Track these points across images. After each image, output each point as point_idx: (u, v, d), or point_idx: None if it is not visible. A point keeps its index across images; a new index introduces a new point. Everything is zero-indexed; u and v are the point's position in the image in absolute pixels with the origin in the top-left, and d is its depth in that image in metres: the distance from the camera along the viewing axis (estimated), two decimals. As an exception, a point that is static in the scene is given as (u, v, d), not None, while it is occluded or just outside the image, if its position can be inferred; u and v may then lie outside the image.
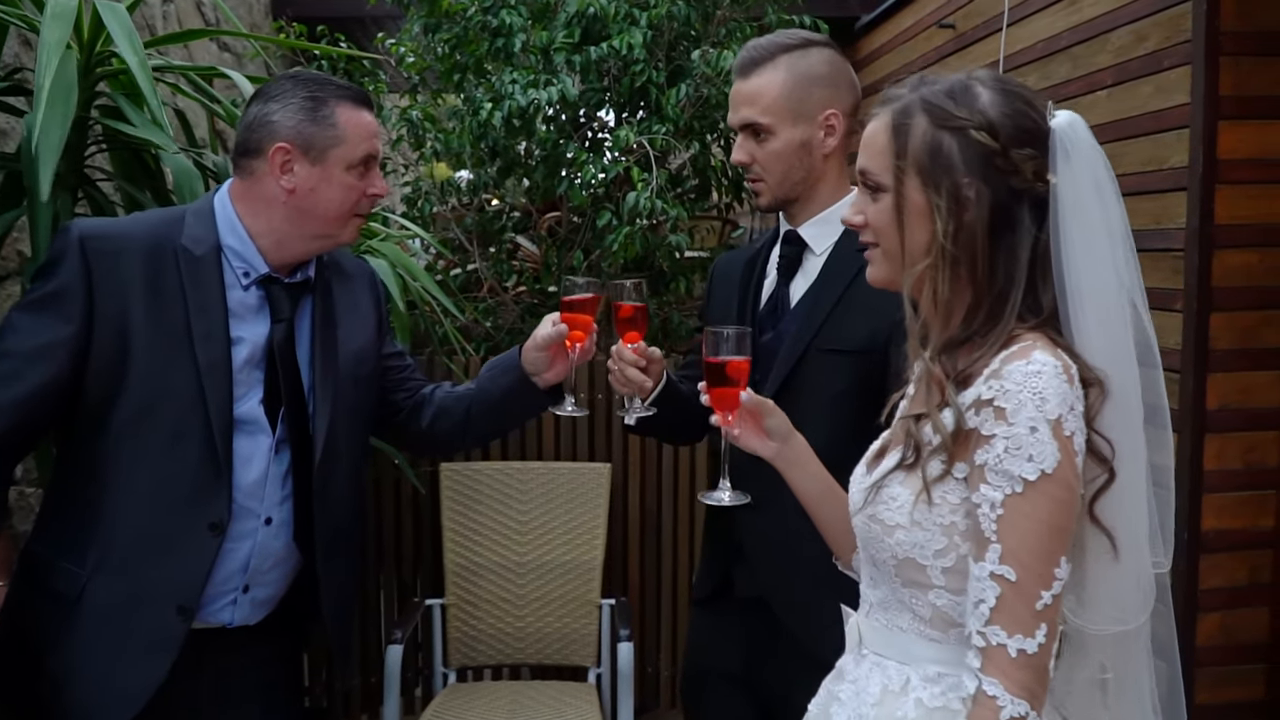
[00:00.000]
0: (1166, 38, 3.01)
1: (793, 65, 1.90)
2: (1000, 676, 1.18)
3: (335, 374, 1.87)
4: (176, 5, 3.76)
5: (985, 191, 1.26)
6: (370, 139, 1.82)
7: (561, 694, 3.07)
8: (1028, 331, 1.26)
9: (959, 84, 1.30)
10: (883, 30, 5.28)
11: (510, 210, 3.98)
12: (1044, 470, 1.18)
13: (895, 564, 1.31)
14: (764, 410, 1.56)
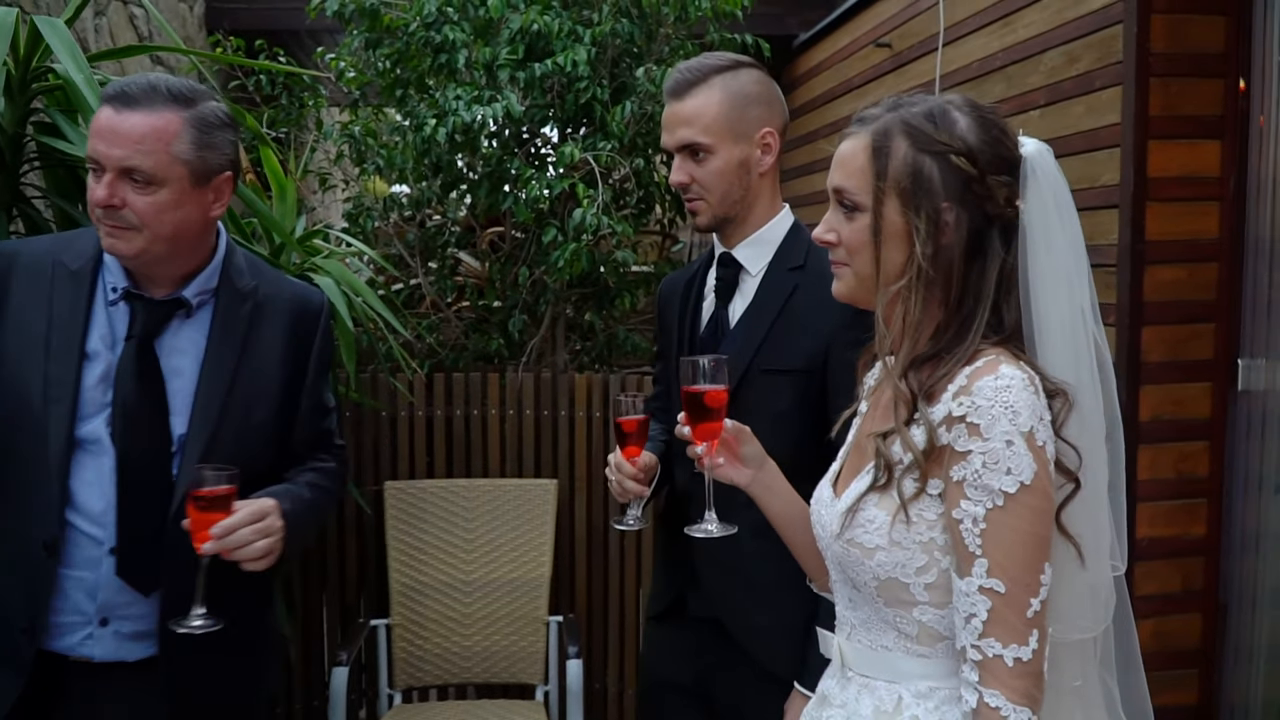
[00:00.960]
0: (1098, 59, 3.10)
1: (727, 85, 1.93)
2: (1000, 687, 1.20)
3: (215, 420, 1.74)
4: (109, 19, 3.69)
5: (963, 216, 1.28)
6: (91, 138, 1.67)
7: (510, 712, 3.05)
8: (990, 346, 1.28)
9: (937, 108, 1.32)
10: (820, 48, 5.36)
11: (452, 225, 3.96)
12: (1023, 482, 1.20)
13: (877, 585, 1.32)
14: (742, 438, 1.56)
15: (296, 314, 1.86)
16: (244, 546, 1.61)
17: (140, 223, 1.66)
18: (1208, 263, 3.00)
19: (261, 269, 1.89)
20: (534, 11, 3.40)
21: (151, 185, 1.65)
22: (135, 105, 1.65)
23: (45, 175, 2.37)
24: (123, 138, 1.63)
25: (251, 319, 1.79)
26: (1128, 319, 3.00)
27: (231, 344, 1.77)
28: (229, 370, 1.76)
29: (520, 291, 3.66)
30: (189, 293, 1.76)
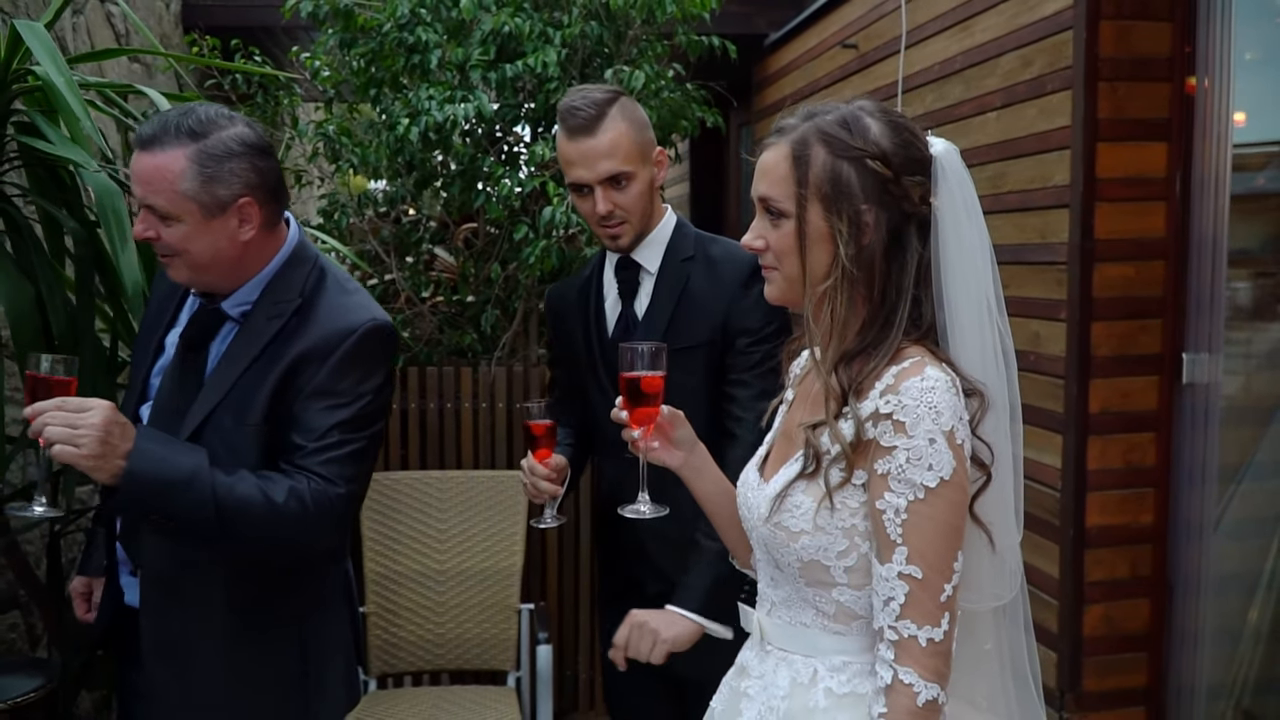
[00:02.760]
0: (1050, 63, 3.20)
1: (625, 113, 2.09)
2: (914, 665, 1.29)
3: (203, 417, 1.80)
4: (86, 18, 3.73)
5: (882, 216, 1.36)
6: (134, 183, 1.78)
7: (482, 698, 3.14)
8: (912, 345, 1.37)
9: (850, 114, 1.39)
10: (788, 49, 5.45)
11: (426, 221, 4.03)
12: (942, 477, 1.29)
13: (800, 566, 1.41)
14: (676, 422, 1.64)
15: (322, 330, 1.83)
16: (45, 427, 1.60)
17: (175, 251, 1.76)
18: (1154, 260, 3.11)
19: (325, 287, 1.88)
20: (505, 13, 3.48)
21: (169, 220, 1.74)
22: (149, 146, 1.73)
23: (26, 174, 2.43)
24: (141, 179, 1.73)
25: (277, 332, 1.82)
26: (1078, 314, 3.11)
27: (247, 352, 1.81)
28: (234, 374, 1.80)
29: (493, 287, 3.74)
30: (227, 305, 1.85)
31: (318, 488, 1.75)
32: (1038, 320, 3.27)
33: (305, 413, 1.79)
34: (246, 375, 1.80)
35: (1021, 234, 3.32)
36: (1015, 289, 3.34)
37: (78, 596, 2.12)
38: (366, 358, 1.83)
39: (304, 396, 1.79)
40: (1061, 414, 3.17)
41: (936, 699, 1.29)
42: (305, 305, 1.84)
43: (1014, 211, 3.36)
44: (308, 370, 1.79)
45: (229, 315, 1.84)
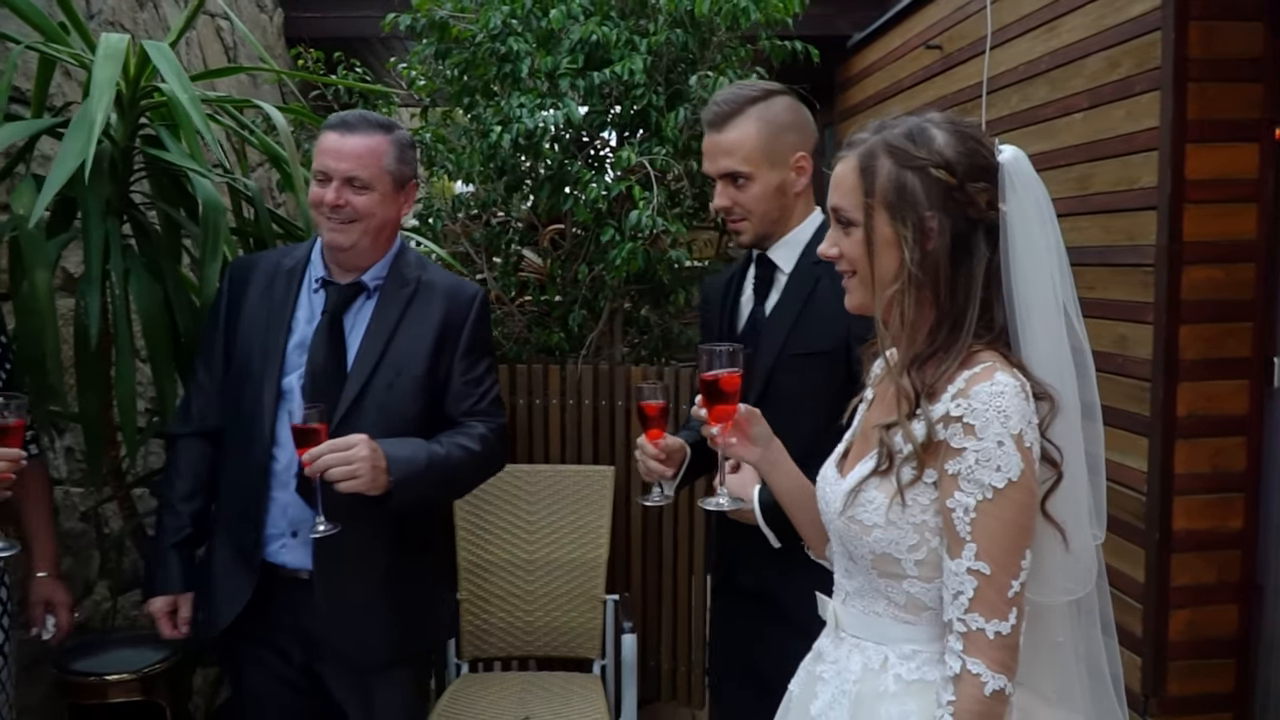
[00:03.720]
0: (1138, 64, 3.19)
1: (761, 115, 2.11)
2: (981, 656, 1.36)
3: (370, 370, 2.15)
4: (197, 31, 3.94)
5: (946, 222, 1.42)
6: (321, 155, 2.15)
7: (568, 684, 3.25)
8: (984, 349, 1.43)
9: (916, 126, 1.47)
10: (871, 50, 5.47)
11: (515, 223, 4.15)
12: (1010, 479, 1.35)
13: (872, 558, 1.48)
14: (753, 420, 1.73)
15: (450, 298, 2.26)
16: (328, 469, 1.97)
17: (358, 216, 2.14)
18: (1244, 263, 3.08)
19: (428, 266, 2.33)
20: (593, 22, 3.58)
21: (367, 190, 2.14)
22: (354, 130, 2.15)
23: (151, 183, 2.60)
24: (347, 155, 2.12)
25: (410, 299, 2.22)
26: (1165, 317, 3.10)
27: (389, 317, 2.20)
28: (385, 336, 2.18)
29: (580, 287, 3.84)
30: (367, 278, 2.22)
31: (492, 425, 2.26)
32: (1124, 323, 3.26)
33: (466, 368, 2.25)
34: (396, 336, 2.18)
35: (1108, 236, 3.31)
36: (1101, 291, 3.34)
37: (163, 616, 2.25)
38: (487, 316, 2.33)
39: (459, 355, 2.24)
40: (1147, 417, 3.16)
41: (1003, 689, 1.35)
42: (424, 279, 2.25)
43: (1100, 213, 3.35)
44: (454, 332, 2.24)
45: (367, 287, 2.21)
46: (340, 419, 2.10)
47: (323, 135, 2.17)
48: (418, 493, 2.10)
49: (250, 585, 2.18)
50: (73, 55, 2.39)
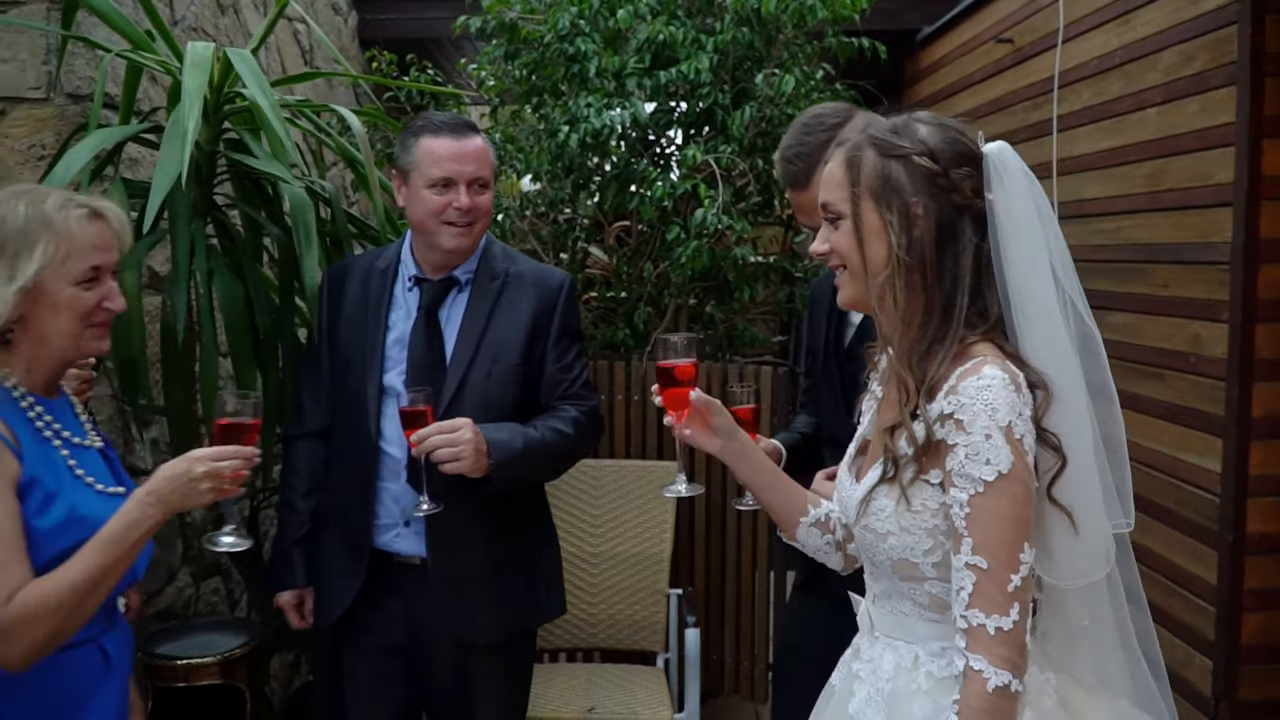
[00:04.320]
0: (1213, 59, 3.13)
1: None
2: (983, 652, 1.36)
3: (468, 361, 2.24)
4: (276, 36, 4.05)
5: (931, 207, 1.46)
6: (442, 162, 2.22)
7: (632, 676, 3.29)
8: (980, 340, 1.45)
9: (900, 120, 1.51)
10: (942, 43, 5.41)
11: (582, 220, 4.21)
12: (1000, 471, 1.36)
13: (891, 564, 1.51)
14: (712, 410, 1.74)
15: (540, 287, 2.35)
16: (434, 450, 2.06)
17: (480, 217, 2.27)
18: (1322, 261, 3.01)
19: (516, 257, 2.42)
20: (660, 22, 3.61)
21: (487, 189, 2.28)
22: (465, 134, 2.26)
23: (234, 186, 2.70)
24: (470, 158, 2.24)
25: (500, 290, 2.32)
26: (1240, 317, 3.03)
27: (483, 308, 2.30)
28: (480, 328, 2.28)
29: (645, 284, 3.89)
30: (458, 272, 2.32)
31: (585, 408, 2.34)
32: (1198, 321, 3.20)
33: (559, 354, 2.34)
34: (491, 326, 2.28)
35: (1180, 233, 3.25)
36: (1175, 289, 3.28)
37: (291, 609, 2.39)
38: (575, 302, 2.41)
39: (551, 343, 2.33)
40: (1222, 418, 3.10)
41: (1008, 685, 1.35)
42: (513, 270, 2.34)
43: (1173, 210, 3.30)
44: (546, 320, 2.32)
45: (459, 281, 2.31)
46: (443, 411, 2.19)
47: (431, 142, 2.23)
48: (515, 474, 2.18)
49: (360, 575, 2.28)
50: (159, 62, 2.49)
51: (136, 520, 1.63)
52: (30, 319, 1.66)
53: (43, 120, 2.62)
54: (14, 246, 1.63)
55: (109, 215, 1.74)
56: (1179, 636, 3.24)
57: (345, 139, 2.87)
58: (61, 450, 1.71)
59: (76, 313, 1.69)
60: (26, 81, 2.62)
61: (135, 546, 1.64)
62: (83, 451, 1.76)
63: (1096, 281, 3.68)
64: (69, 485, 1.69)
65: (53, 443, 1.71)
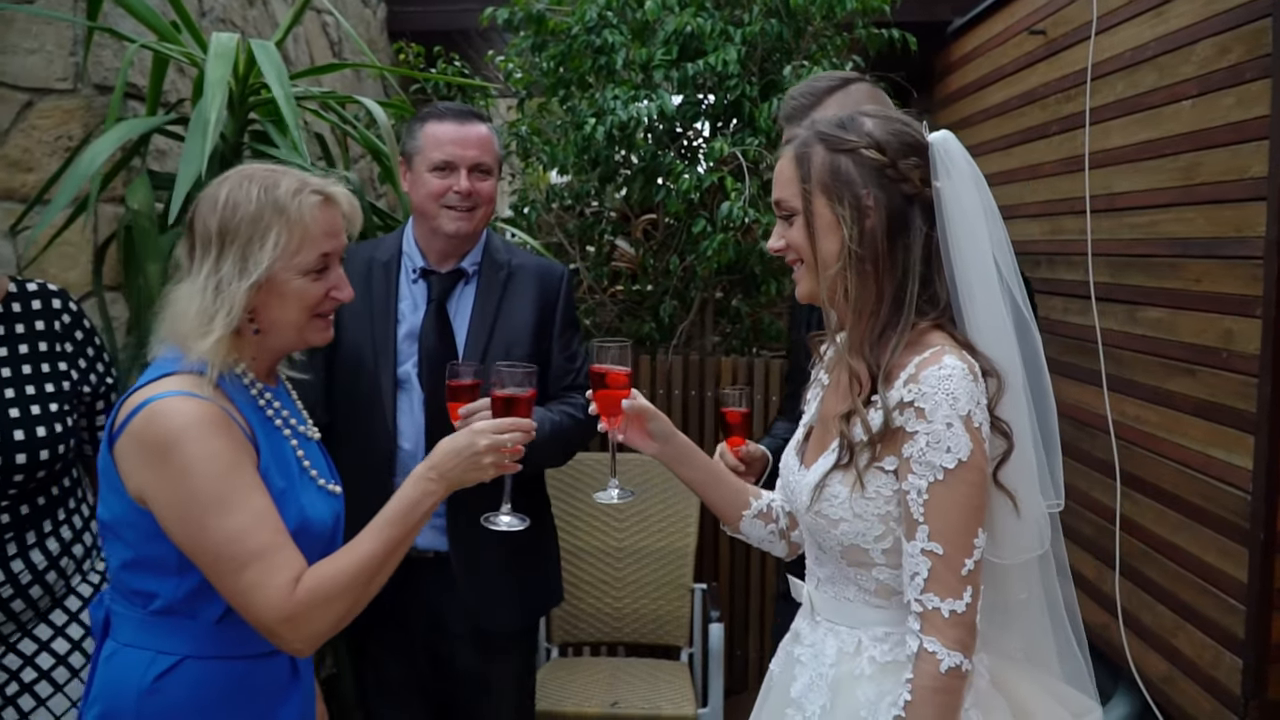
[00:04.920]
0: (1248, 51, 3.07)
1: (842, 104, 2.10)
2: (937, 635, 1.40)
3: (481, 353, 2.26)
4: (304, 28, 4.06)
5: (882, 198, 1.47)
6: (444, 145, 2.24)
7: (656, 671, 3.29)
8: (932, 328, 1.46)
9: (846, 116, 1.53)
10: (973, 35, 5.35)
11: (609, 213, 4.20)
12: (960, 459, 1.39)
13: (841, 549, 1.53)
14: (647, 415, 1.75)
15: (542, 279, 2.38)
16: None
17: (482, 203, 2.28)
18: (1360, 257, 2.94)
19: (514, 249, 2.44)
20: (688, 14, 3.60)
21: (489, 176, 2.29)
22: (468, 120, 2.29)
23: (259, 178, 2.70)
24: (472, 143, 2.26)
25: (505, 282, 2.34)
26: (1274, 312, 2.97)
27: (491, 301, 2.32)
28: (490, 319, 2.31)
29: (671, 278, 3.87)
30: (465, 264, 2.34)
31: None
32: (1230, 317, 3.15)
33: (564, 345, 2.36)
34: (500, 319, 2.32)
35: (1214, 227, 3.20)
36: (1207, 284, 3.23)
37: None
38: (573, 292, 2.42)
39: (557, 334, 2.36)
40: (1253, 414, 3.05)
41: (960, 666, 1.39)
42: (515, 262, 2.34)
43: (1206, 204, 3.24)
44: (550, 312, 2.35)
45: (466, 273, 2.33)
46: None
47: (434, 127, 2.26)
48: (539, 459, 2.17)
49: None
50: (185, 54, 2.50)
51: (418, 499, 1.62)
52: (258, 309, 1.61)
53: (70, 112, 2.64)
54: (246, 234, 1.58)
55: (340, 199, 1.69)
56: (1208, 635, 3.20)
57: (372, 132, 2.87)
58: (291, 440, 1.69)
59: (304, 305, 1.65)
60: (54, 73, 2.64)
61: (418, 525, 1.62)
62: (308, 443, 1.74)
63: (1129, 276, 3.63)
64: (298, 482, 1.66)
65: (283, 431, 1.68)
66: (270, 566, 1.49)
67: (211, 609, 1.57)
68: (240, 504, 1.50)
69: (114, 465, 1.55)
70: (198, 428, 1.50)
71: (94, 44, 2.61)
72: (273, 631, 1.51)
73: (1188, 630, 3.27)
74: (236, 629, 1.57)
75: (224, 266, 1.57)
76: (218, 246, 1.57)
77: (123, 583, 1.60)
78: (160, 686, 1.55)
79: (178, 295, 1.61)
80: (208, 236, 1.58)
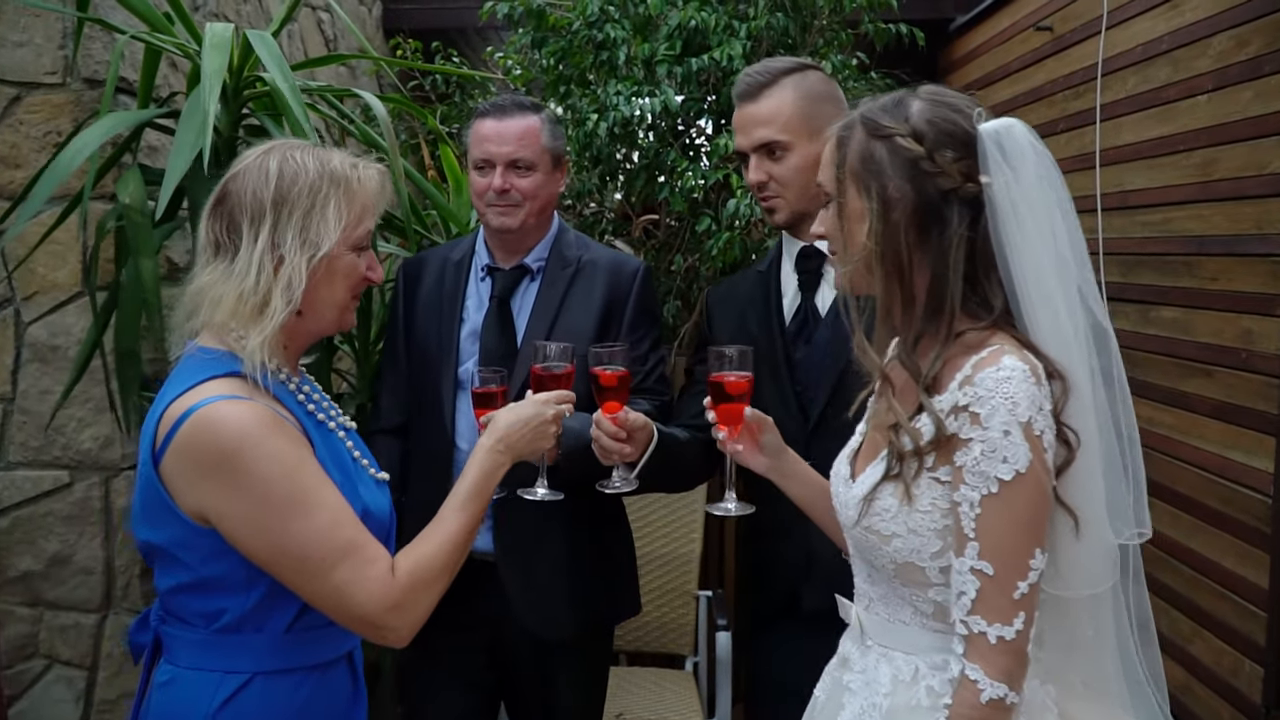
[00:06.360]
0: (1268, 43, 3.01)
1: (797, 85, 2.03)
2: (981, 662, 1.28)
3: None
4: (299, 24, 3.99)
5: (910, 192, 1.36)
6: (482, 143, 2.20)
7: (661, 680, 3.21)
8: (989, 332, 1.35)
9: (896, 98, 1.43)
10: (978, 32, 5.29)
11: (608, 212, 4.12)
12: (1018, 470, 1.27)
13: (894, 567, 1.41)
14: (764, 427, 1.67)
15: (613, 274, 2.29)
16: None
17: (523, 199, 2.21)
18: (1383, 253, 2.88)
19: (589, 244, 2.38)
20: (692, 8, 3.52)
21: (530, 171, 2.21)
22: (508, 114, 2.22)
23: (254, 174, 2.62)
24: (508, 138, 2.20)
25: (572, 278, 2.27)
26: (1295, 310, 2.92)
27: (554, 296, 2.25)
28: (551, 316, 2.23)
29: (674, 278, 3.79)
30: (529, 260, 2.29)
31: (658, 403, 2.23)
32: (1250, 316, 3.08)
33: (632, 344, 2.21)
34: (562, 315, 2.23)
35: (1234, 224, 3.14)
36: (1225, 283, 3.17)
37: None
38: (651, 290, 2.34)
39: (625, 330, 2.26)
40: (1274, 415, 2.98)
41: (1003, 698, 1.27)
42: (586, 258, 2.30)
43: (1225, 200, 3.18)
44: (619, 308, 2.26)
45: (530, 269, 2.28)
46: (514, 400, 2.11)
47: (477, 124, 2.24)
48: (584, 467, 2.05)
49: None
50: (178, 45, 2.42)
51: (491, 471, 1.62)
52: (306, 288, 1.50)
53: (59, 106, 2.56)
54: (306, 204, 1.49)
55: (386, 175, 1.63)
56: (1227, 642, 3.13)
57: (370, 127, 2.80)
58: (338, 432, 1.62)
59: (351, 282, 1.57)
60: (43, 66, 2.56)
61: (489, 498, 1.62)
62: (352, 433, 1.67)
63: (1140, 275, 3.56)
64: (354, 474, 1.59)
65: (328, 425, 1.60)
66: (363, 559, 1.45)
67: (281, 617, 1.50)
68: (318, 502, 1.44)
69: (161, 485, 1.45)
70: (256, 430, 1.41)
71: (84, 36, 2.53)
72: (377, 623, 1.45)
73: (1205, 637, 3.20)
74: (304, 636, 1.52)
75: (284, 239, 1.47)
76: (273, 218, 1.47)
77: (180, 605, 1.51)
78: (230, 708, 1.47)
79: (209, 282, 1.49)
80: (259, 209, 1.48)
